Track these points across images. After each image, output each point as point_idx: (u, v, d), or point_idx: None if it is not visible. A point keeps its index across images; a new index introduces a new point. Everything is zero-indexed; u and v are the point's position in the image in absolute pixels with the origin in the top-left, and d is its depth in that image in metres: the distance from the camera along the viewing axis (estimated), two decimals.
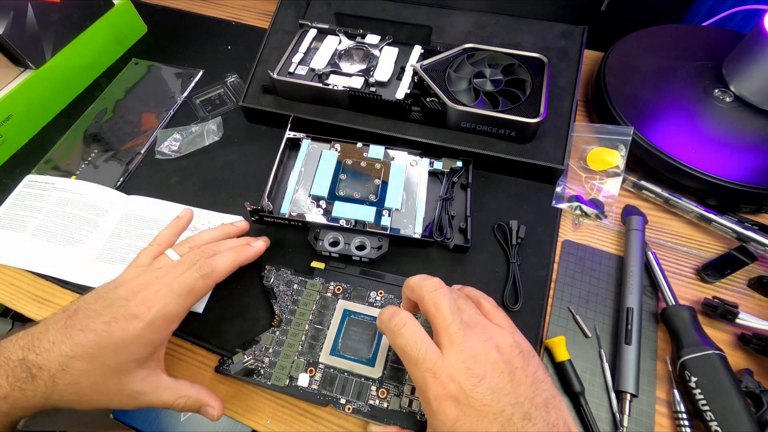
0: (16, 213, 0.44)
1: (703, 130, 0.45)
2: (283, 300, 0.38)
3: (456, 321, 0.27)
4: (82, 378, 0.28)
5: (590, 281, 0.40)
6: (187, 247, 0.35)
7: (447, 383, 0.25)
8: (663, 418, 0.34)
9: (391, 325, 0.28)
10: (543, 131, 0.45)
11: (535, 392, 0.26)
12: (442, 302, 0.27)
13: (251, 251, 0.36)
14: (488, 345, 0.26)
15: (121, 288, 0.31)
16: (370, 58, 0.48)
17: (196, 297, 0.32)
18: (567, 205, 0.44)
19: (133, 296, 0.30)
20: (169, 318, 0.31)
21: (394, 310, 0.29)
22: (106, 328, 0.28)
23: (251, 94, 0.49)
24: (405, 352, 0.27)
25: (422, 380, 0.26)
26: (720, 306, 0.37)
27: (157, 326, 0.30)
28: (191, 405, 0.31)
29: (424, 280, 0.29)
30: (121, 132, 0.51)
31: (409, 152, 0.45)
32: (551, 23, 0.51)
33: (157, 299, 0.30)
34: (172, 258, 0.34)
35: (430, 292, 0.28)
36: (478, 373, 0.25)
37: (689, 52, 0.51)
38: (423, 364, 0.26)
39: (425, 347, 0.26)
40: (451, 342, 0.26)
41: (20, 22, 0.46)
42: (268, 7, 0.65)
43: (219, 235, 0.38)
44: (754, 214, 0.44)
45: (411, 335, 0.27)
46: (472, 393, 0.25)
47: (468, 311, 0.28)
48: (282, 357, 0.35)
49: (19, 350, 0.28)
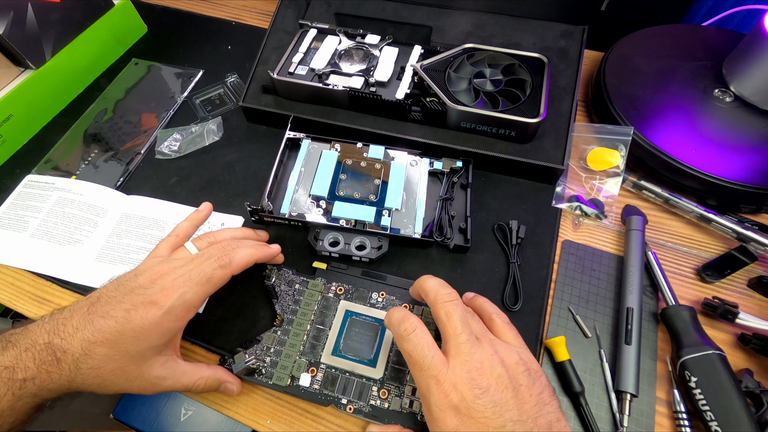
0: (16, 213, 0.44)
1: (703, 130, 0.45)
2: (284, 300, 0.38)
3: (465, 332, 0.27)
4: (104, 363, 0.28)
5: (590, 281, 0.40)
6: (206, 241, 0.35)
7: (449, 392, 0.25)
8: (663, 418, 0.34)
9: (400, 329, 0.28)
10: (543, 131, 0.45)
11: (539, 413, 0.26)
12: (454, 312, 0.28)
13: (269, 251, 0.37)
14: (494, 359, 0.27)
15: (140, 276, 0.31)
16: (370, 58, 0.48)
17: (214, 287, 0.32)
18: (567, 205, 0.44)
19: (152, 284, 0.31)
20: (186, 306, 0.31)
21: (404, 313, 0.29)
22: (126, 315, 0.29)
23: (251, 94, 0.49)
24: (411, 356, 0.27)
25: (425, 386, 0.26)
26: (720, 306, 0.37)
27: (175, 314, 0.30)
28: (211, 384, 0.32)
29: (441, 288, 0.30)
30: (121, 132, 0.51)
31: (409, 152, 0.45)
32: (551, 23, 0.51)
33: (175, 287, 0.30)
34: (190, 251, 0.34)
35: (445, 302, 0.29)
36: (482, 385, 0.25)
37: (689, 52, 0.51)
38: (428, 370, 0.26)
39: (431, 354, 0.27)
40: (458, 351, 0.27)
41: (20, 22, 0.46)
42: (268, 7, 0.65)
43: (239, 235, 0.38)
44: (754, 214, 0.44)
45: (419, 341, 0.27)
46: (474, 404, 0.25)
47: (475, 326, 0.29)
48: (284, 357, 0.35)
49: (45, 334, 0.28)
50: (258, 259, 0.35)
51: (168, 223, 0.44)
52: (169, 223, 0.44)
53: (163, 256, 0.34)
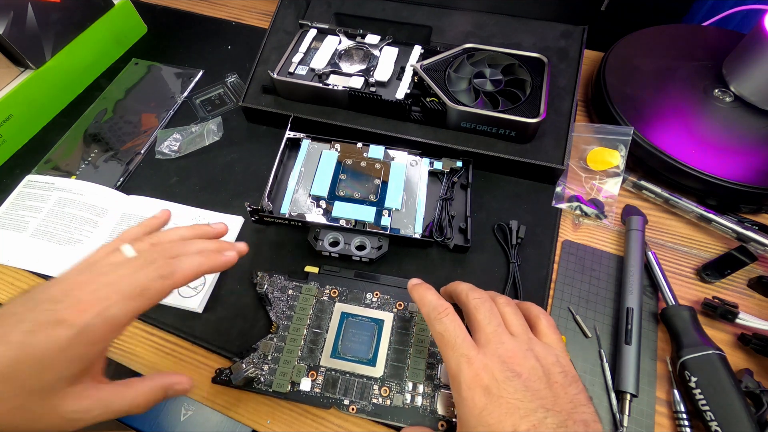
0: (16, 213, 0.44)
1: (703, 130, 0.45)
2: (278, 306, 0.37)
3: (494, 323, 0.27)
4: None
5: (590, 281, 0.40)
6: (147, 243, 0.29)
7: (480, 371, 0.25)
8: (663, 418, 0.34)
9: (433, 312, 0.29)
10: (543, 131, 0.45)
11: (574, 410, 0.24)
12: (483, 305, 0.28)
13: (220, 260, 0.29)
14: (528, 353, 0.26)
15: (55, 286, 0.24)
16: (370, 58, 0.48)
17: (149, 301, 0.25)
18: (567, 205, 0.44)
19: (64, 297, 0.24)
20: (109, 324, 0.24)
21: (437, 296, 0.30)
22: (23, 340, 0.22)
23: (251, 94, 0.49)
24: (444, 336, 0.27)
25: (456, 365, 0.26)
26: (720, 306, 0.37)
27: (91, 336, 0.23)
28: (154, 396, 0.27)
29: (471, 291, 0.30)
30: (121, 132, 0.51)
31: (409, 152, 0.45)
32: (551, 23, 0.51)
33: (94, 300, 0.24)
34: (126, 254, 0.27)
35: (474, 299, 0.29)
36: (514, 369, 0.25)
37: (689, 52, 0.51)
38: (460, 349, 0.26)
39: (463, 336, 0.27)
40: (488, 340, 0.27)
41: (20, 22, 0.46)
42: (268, 7, 0.65)
43: (190, 234, 0.31)
44: (754, 214, 0.44)
45: (451, 323, 0.28)
46: (505, 385, 0.24)
47: (515, 322, 0.28)
48: (282, 363, 0.35)
49: None
50: (207, 270, 0.29)
51: (168, 224, 0.43)
52: (169, 223, 0.43)
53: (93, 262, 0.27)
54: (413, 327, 0.36)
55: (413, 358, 0.35)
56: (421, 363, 0.35)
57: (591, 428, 0.24)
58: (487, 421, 0.24)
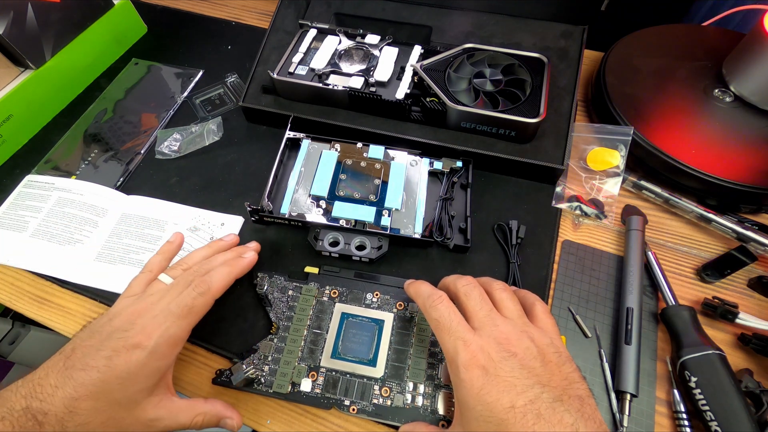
0: (16, 213, 0.44)
1: (703, 130, 0.45)
2: (278, 307, 0.37)
3: (485, 308, 0.28)
4: (91, 417, 0.27)
5: (590, 281, 0.40)
6: (179, 269, 0.34)
7: (477, 353, 0.26)
8: (663, 418, 0.34)
9: (428, 300, 0.30)
10: (543, 131, 0.45)
11: (569, 386, 0.26)
12: (472, 292, 0.30)
13: (244, 263, 0.35)
14: (522, 335, 0.27)
15: (116, 319, 0.30)
16: (370, 58, 0.48)
17: (197, 316, 0.31)
18: (567, 205, 0.44)
19: (131, 326, 0.29)
20: (171, 342, 0.30)
21: (431, 287, 0.31)
22: (107, 363, 0.27)
23: (251, 94, 0.49)
24: (439, 322, 0.28)
25: (453, 348, 0.27)
26: (720, 306, 0.37)
27: (161, 353, 0.29)
28: (209, 421, 0.31)
29: (459, 279, 0.31)
30: (121, 132, 0.51)
31: (409, 152, 0.45)
32: (551, 23, 0.51)
33: (156, 324, 0.29)
34: (165, 282, 0.33)
35: (464, 285, 0.30)
36: (510, 350, 0.26)
37: (689, 52, 0.51)
38: (455, 332, 0.27)
39: (458, 320, 0.28)
40: (482, 324, 0.28)
41: (20, 22, 0.46)
42: (268, 7, 0.65)
43: (209, 252, 0.37)
44: (754, 214, 0.44)
45: (446, 308, 0.29)
46: (501, 364, 0.25)
47: (510, 307, 0.30)
48: (282, 364, 0.35)
49: (22, 399, 0.27)
50: (236, 275, 0.34)
51: (168, 223, 0.44)
52: (169, 223, 0.44)
53: (136, 294, 0.32)
54: (413, 327, 0.36)
55: (414, 359, 0.35)
56: (422, 363, 0.35)
57: (585, 403, 0.25)
58: (486, 400, 0.25)
